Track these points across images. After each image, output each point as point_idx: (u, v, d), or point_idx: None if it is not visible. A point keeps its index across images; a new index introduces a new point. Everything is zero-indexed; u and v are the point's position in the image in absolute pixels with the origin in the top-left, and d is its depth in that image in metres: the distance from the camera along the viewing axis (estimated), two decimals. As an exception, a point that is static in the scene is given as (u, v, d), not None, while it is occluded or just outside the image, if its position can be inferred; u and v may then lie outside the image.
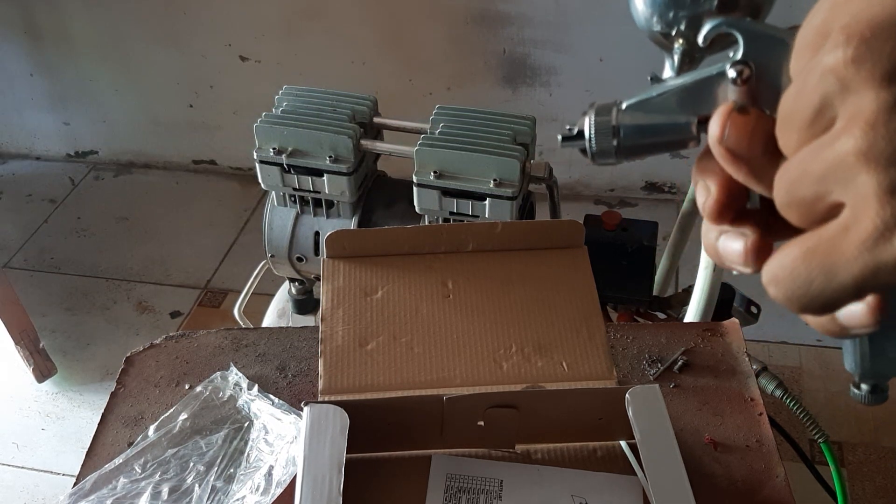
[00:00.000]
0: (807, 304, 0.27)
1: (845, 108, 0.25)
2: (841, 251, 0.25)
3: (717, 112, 0.30)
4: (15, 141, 2.46)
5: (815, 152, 0.26)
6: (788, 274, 0.27)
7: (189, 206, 2.26)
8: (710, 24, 0.32)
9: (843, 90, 0.25)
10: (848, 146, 0.25)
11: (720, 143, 0.30)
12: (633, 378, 0.77)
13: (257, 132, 1.10)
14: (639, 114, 0.34)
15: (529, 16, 1.92)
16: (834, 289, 0.26)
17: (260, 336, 0.83)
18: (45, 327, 1.82)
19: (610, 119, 0.34)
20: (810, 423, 1.01)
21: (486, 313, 0.70)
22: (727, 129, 0.29)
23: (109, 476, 0.68)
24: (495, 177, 1.03)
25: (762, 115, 0.30)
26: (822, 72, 0.26)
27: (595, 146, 0.35)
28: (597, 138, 0.34)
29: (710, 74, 0.32)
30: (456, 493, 0.64)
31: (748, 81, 0.31)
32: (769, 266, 0.28)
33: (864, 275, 0.25)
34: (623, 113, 0.34)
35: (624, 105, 0.34)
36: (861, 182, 0.25)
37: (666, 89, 0.33)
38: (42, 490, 1.58)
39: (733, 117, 0.29)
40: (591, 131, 0.35)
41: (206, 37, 2.12)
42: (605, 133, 0.34)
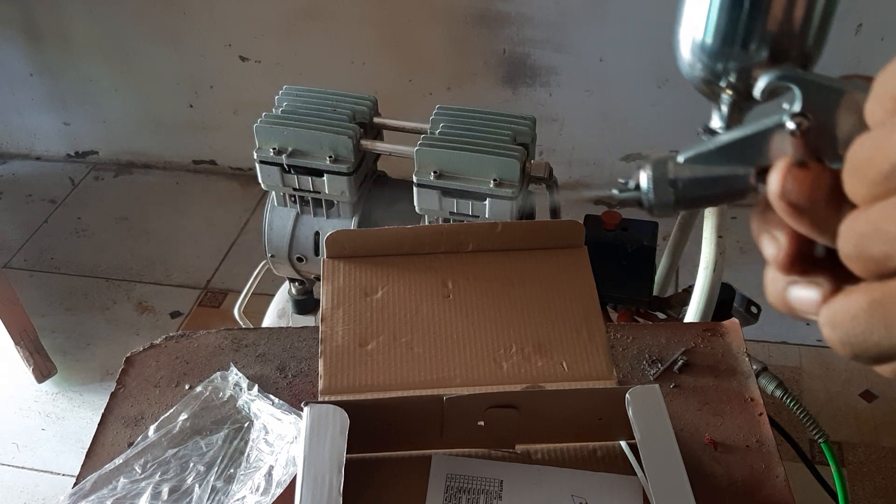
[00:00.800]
0: (860, 354, 0.27)
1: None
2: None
3: (777, 167, 0.30)
4: (15, 141, 2.46)
5: (889, 213, 0.26)
6: (849, 320, 0.27)
7: (189, 206, 2.26)
8: (766, 79, 0.32)
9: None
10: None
11: (781, 198, 0.29)
12: (633, 378, 0.77)
13: (257, 132, 1.10)
14: (696, 166, 0.34)
15: (529, 16, 1.92)
16: (892, 344, 0.26)
17: (260, 336, 0.83)
18: (45, 327, 1.82)
19: (667, 172, 0.35)
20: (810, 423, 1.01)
21: (486, 313, 0.70)
22: (787, 183, 0.29)
23: (109, 476, 0.68)
24: (495, 177, 1.03)
25: (822, 168, 0.29)
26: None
27: (653, 199, 0.35)
28: (655, 191, 0.35)
29: (767, 126, 0.32)
30: (456, 493, 0.64)
31: (807, 133, 0.31)
32: (830, 308, 0.28)
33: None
34: (680, 166, 0.34)
35: (681, 158, 0.35)
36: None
37: (722, 142, 0.33)
38: (42, 490, 1.58)
39: (793, 171, 0.29)
40: (650, 185, 0.35)
41: (206, 37, 2.12)
42: (663, 186, 0.35)
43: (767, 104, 0.34)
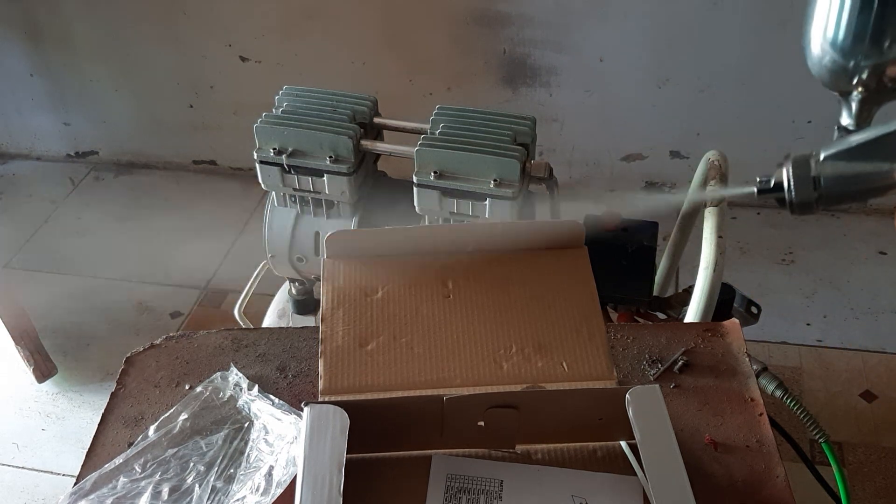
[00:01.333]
0: None
1: None
2: None
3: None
4: (15, 141, 2.46)
5: None
6: None
7: (189, 206, 2.26)
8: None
9: None
10: None
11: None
12: (634, 378, 0.77)
13: (257, 132, 1.10)
14: (839, 164, 0.34)
15: (529, 16, 1.92)
16: None
17: (260, 336, 0.83)
18: (45, 327, 1.82)
19: (809, 170, 0.34)
20: (810, 424, 1.01)
21: (486, 313, 0.70)
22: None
23: (109, 476, 0.68)
24: (495, 177, 1.03)
25: None
26: None
27: (795, 197, 0.35)
28: (797, 189, 0.34)
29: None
30: (456, 494, 0.64)
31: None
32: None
33: None
34: (822, 164, 0.34)
35: (822, 156, 0.34)
36: None
37: (865, 138, 0.33)
38: (42, 490, 1.58)
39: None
40: (791, 183, 0.34)
41: (206, 37, 2.12)
42: (805, 184, 0.34)
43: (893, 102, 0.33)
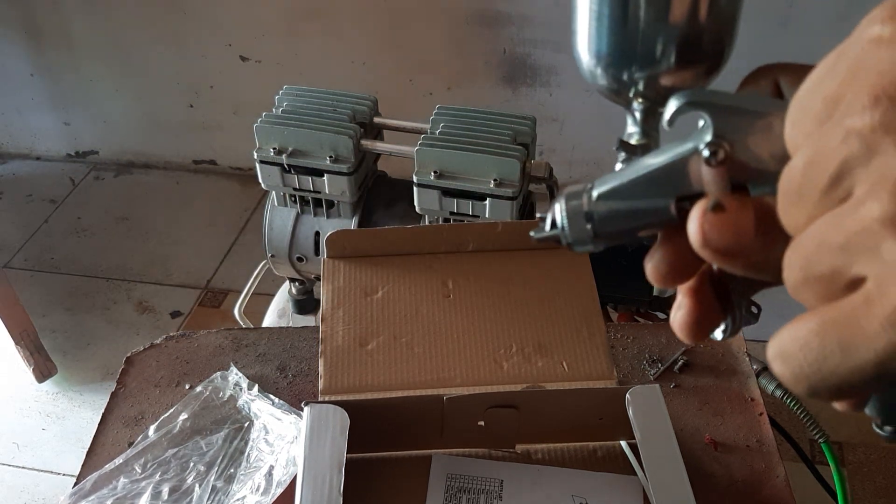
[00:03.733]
0: (817, 385, 0.25)
1: (869, 174, 0.23)
2: (861, 326, 0.23)
3: (692, 216, 0.28)
4: (15, 141, 2.46)
5: (833, 222, 0.24)
6: (800, 348, 0.24)
7: (189, 206, 2.26)
8: (673, 107, 0.30)
9: (867, 154, 0.23)
10: (873, 212, 0.22)
11: (705, 247, 0.27)
12: (634, 378, 0.77)
13: (257, 132, 1.10)
14: (612, 201, 0.32)
15: (529, 16, 1.92)
16: (850, 368, 0.24)
17: (260, 336, 0.83)
18: (45, 327, 1.82)
19: (581, 207, 0.32)
20: (810, 423, 1.01)
21: (487, 313, 0.70)
22: (707, 231, 0.27)
23: (110, 476, 0.68)
24: (495, 177, 1.03)
25: (742, 203, 0.27)
26: (845, 135, 0.23)
27: (570, 236, 0.33)
28: (570, 228, 0.33)
29: (682, 154, 0.30)
30: (456, 493, 0.64)
31: (723, 162, 0.29)
32: (777, 339, 0.25)
33: (887, 353, 0.23)
34: (594, 202, 0.32)
35: (595, 193, 0.32)
36: (887, 250, 0.22)
37: (637, 172, 0.31)
38: (42, 490, 1.58)
39: (710, 218, 0.27)
40: (564, 222, 0.33)
41: (206, 37, 2.12)
42: (579, 222, 0.32)
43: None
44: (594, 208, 0.32)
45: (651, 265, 0.32)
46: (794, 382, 0.25)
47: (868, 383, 0.24)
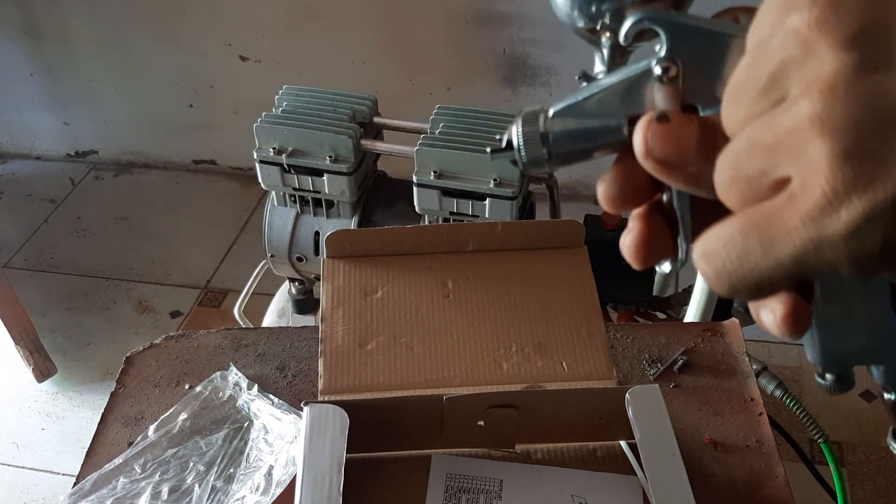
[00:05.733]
0: (738, 282, 0.25)
1: (803, 74, 0.23)
2: (783, 222, 0.23)
3: (638, 126, 0.28)
4: (15, 141, 2.46)
5: (766, 123, 0.24)
6: (722, 245, 0.25)
7: (189, 206, 2.26)
8: (629, 21, 0.30)
9: (803, 54, 0.23)
10: (803, 111, 0.23)
11: (647, 156, 0.28)
12: (633, 378, 0.77)
13: (257, 132, 1.10)
14: (567, 119, 0.32)
15: (529, 16, 1.92)
16: (769, 265, 0.24)
17: (260, 336, 0.83)
18: (45, 327, 1.82)
19: (537, 127, 0.32)
20: (810, 423, 1.01)
21: (486, 313, 0.70)
22: (650, 140, 0.28)
23: (109, 476, 0.68)
24: (495, 177, 1.03)
25: (686, 118, 0.28)
26: (783, 35, 0.24)
27: (525, 156, 0.33)
28: (526, 148, 0.33)
29: (636, 73, 0.30)
30: (456, 493, 0.64)
31: (675, 79, 0.29)
32: (703, 238, 0.26)
33: (805, 249, 0.23)
34: (550, 120, 0.32)
35: (551, 112, 0.32)
36: (814, 148, 0.22)
37: (593, 92, 0.31)
38: (42, 490, 1.58)
39: (654, 127, 0.28)
40: (520, 141, 0.33)
41: (206, 37, 2.12)
42: (534, 142, 0.32)
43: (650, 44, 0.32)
44: (549, 127, 0.32)
45: (602, 186, 0.32)
46: (717, 280, 0.26)
47: (786, 279, 0.24)
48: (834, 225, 0.22)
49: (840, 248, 0.23)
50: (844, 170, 0.22)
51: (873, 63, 0.22)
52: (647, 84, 0.30)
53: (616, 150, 0.31)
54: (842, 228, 0.22)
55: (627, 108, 0.31)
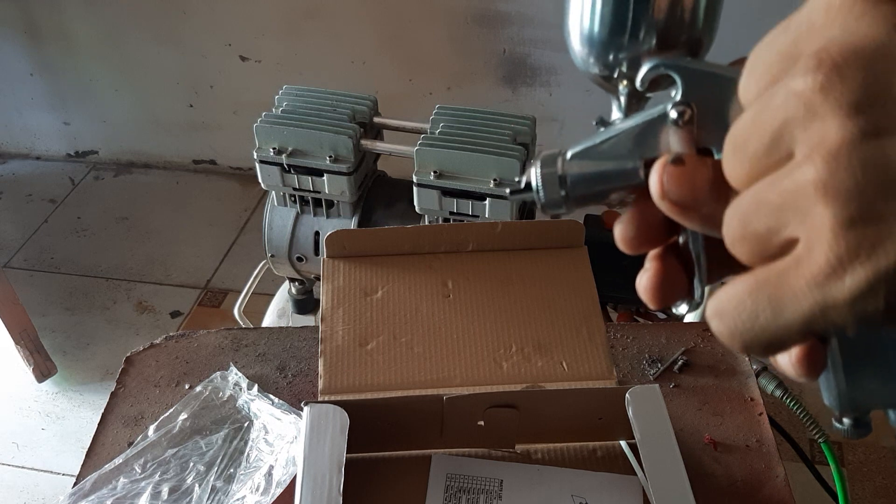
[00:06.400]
0: (750, 342, 0.26)
1: (808, 137, 0.24)
2: (790, 286, 0.24)
3: (654, 168, 0.29)
4: (15, 141, 2.46)
5: (772, 183, 0.25)
6: (734, 307, 0.26)
7: (189, 206, 2.26)
8: (646, 67, 0.31)
9: (807, 117, 0.24)
10: (808, 176, 0.23)
11: (663, 197, 0.29)
12: (633, 378, 0.77)
13: (257, 132, 1.10)
14: (584, 162, 0.33)
15: (529, 16, 1.92)
16: (779, 326, 0.25)
17: (260, 336, 0.83)
18: (45, 327, 1.82)
19: (556, 170, 0.33)
20: (810, 423, 1.01)
21: (486, 313, 0.70)
22: (666, 182, 0.28)
23: (109, 476, 0.68)
24: (495, 177, 1.02)
25: (700, 161, 0.29)
26: (787, 96, 0.24)
27: (544, 198, 0.34)
28: (544, 189, 0.34)
29: (652, 117, 0.31)
30: (456, 493, 0.64)
31: (690, 123, 0.30)
32: (716, 298, 0.27)
33: (812, 312, 0.24)
34: (568, 162, 0.33)
35: (569, 154, 0.33)
36: (818, 214, 0.23)
37: (609, 135, 0.32)
38: (42, 490, 1.58)
39: (670, 170, 0.28)
40: (539, 183, 0.34)
41: (206, 37, 2.12)
42: (552, 184, 0.33)
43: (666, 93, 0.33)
44: (567, 170, 0.33)
45: (619, 228, 0.33)
46: (731, 339, 0.26)
47: (797, 338, 0.25)
48: (839, 290, 0.23)
49: (845, 311, 0.23)
50: (848, 237, 0.23)
51: (877, 129, 0.23)
52: (662, 128, 0.31)
53: (632, 192, 0.32)
54: (846, 294, 0.23)
55: (643, 151, 0.31)
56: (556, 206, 0.34)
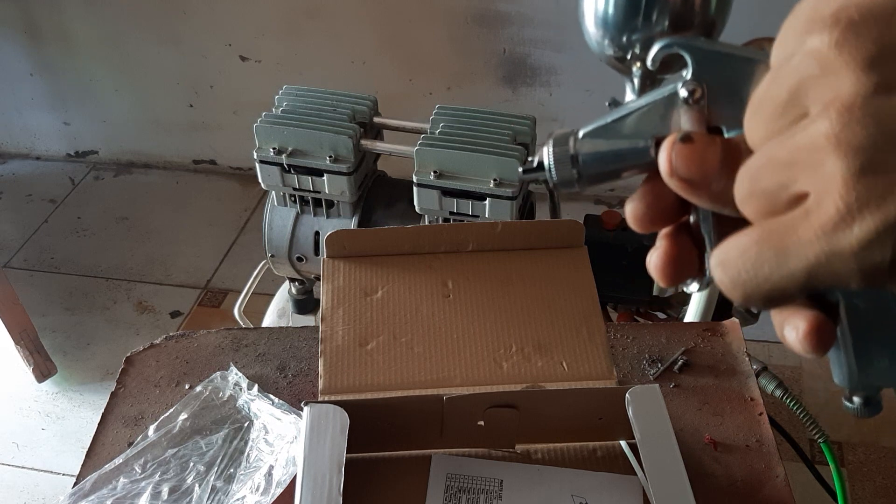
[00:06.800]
0: (751, 291, 0.26)
1: (822, 93, 0.24)
2: (797, 234, 0.24)
3: (662, 146, 0.29)
4: (15, 141, 2.46)
5: (784, 140, 0.25)
6: (738, 255, 0.26)
7: (189, 206, 2.26)
8: (657, 47, 0.32)
9: (822, 73, 0.24)
10: (821, 129, 0.23)
11: (672, 175, 0.29)
12: (633, 378, 0.77)
13: (257, 132, 1.10)
14: (596, 141, 0.33)
15: (529, 16, 1.92)
16: (782, 275, 0.25)
17: (260, 336, 0.83)
18: (45, 327, 1.82)
19: (568, 148, 0.34)
20: (810, 423, 1.01)
21: (486, 313, 0.70)
22: (674, 160, 0.29)
23: (109, 476, 0.68)
24: (495, 177, 1.03)
25: (709, 139, 0.29)
26: (804, 54, 0.25)
27: (556, 176, 0.34)
28: (556, 168, 0.34)
29: (663, 96, 0.32)
30: (456, 493, 0.64)
31: (700, 101, 0.30)
32: (721, 247, 0.27)
33: (817, 261, 0.24)
34: (580, 141, 0.34)
35: (581, 133, 0.34)
36: (829, 165, 0.23)
37: (621, 114, 0.33)
38: (42, 490, 1.58)
39: (678, 148, 0.29)
40: (551, 161, 0.34)
41: (206, 37, 2.12)
42: (564, 163, 0.34)
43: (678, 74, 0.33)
44: (579, 149, 0.34)
45: (630, 206, 0.33)
46: (732, 287, 0.27)
47: (799, 290, 0.25)
48: (846, 239, 0.23)
49: (850, 262, 0.23)
50: (858, 187, 0.23)
51: (890, 84, 0.23)
52: (673, 106, 0.31)
53: (644, 170, 0.33)
54: (853, 243, 0.23)
55: (654, 129, 0.32)
56: (569, 185, 0.34)
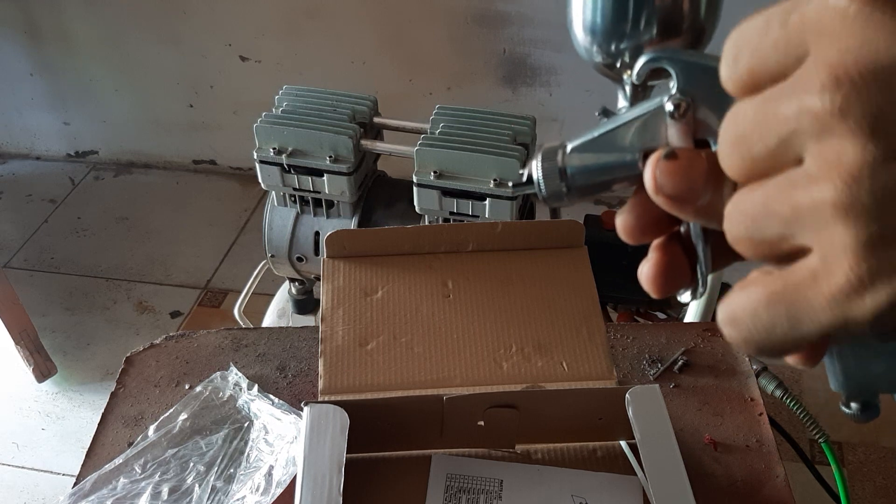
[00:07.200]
0: (764, 349, 0.26)
1: (821, 151, 0.24)
2: (809, 301, 0.24)
3: (647, 164, 0.29)
4: (15, 141, 2.46)
5: (782, 191, 0.25)
6: (749, 316, 0.26)
7: (189, 206, 2.26)
8: (641, 61, 0.32)
9: (822, 132, 0.23)
10: (826, 195, 0.23)
11: (657, 192, 0.29)
12: (633, 378, 0.77)
13: (257, 132, 1.10)
14: (585, 155, 0.33)
15: (529, 16, 1.92)
16: (796, 337, 0.25)
17: (260, 336, 0.83)
18: (45, 327, 1.82)
19: (556, 163, 0.34)
20: (810, 423, 1.01)
21: (486, 313, 0.70)
22: (659, 178, 0.29)
23: (109, 476, 0.68)
24: (495, 177, 1.02)
25: (693, 154, 0.29)
26: (800, 111, 0.24)
27: (545, 191, 0.35)
28: (545, 183, 0.34)
29: (650, 110, 0.32)
30: (456, 493, 0.64)
31: (686, 115, 0.30)
32: (727, 305, 0.27)
33: (831, 325, 0.24)
34: (569, 155, 0.34)
35: (569, 147, 0.34)
36: (837, 233, 0.23)
37: (609, 128, 0.33)
38: (42, 490, 1.58)
39: (662, 165, 0.29)
40: (539, 176, 0.34)
41: (206, 37, 2.12)
42: (553, 177, 0.34)
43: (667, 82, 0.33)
44: (567, 162, 0.34)
45: (620, 218, 0.33)
46: (745, 345, 0.27)
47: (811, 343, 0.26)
48: (859, 308, 0.24)
49: (864, 327, 0.24)
50: (869, 258, 0.23)
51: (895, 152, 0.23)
52: (660, 119, 0.31)
53: (633, 183, 0.33)
54: (867, 312, 0.24)
55: (642, 143, 0.32)
56: (558, 199, 0.35)
